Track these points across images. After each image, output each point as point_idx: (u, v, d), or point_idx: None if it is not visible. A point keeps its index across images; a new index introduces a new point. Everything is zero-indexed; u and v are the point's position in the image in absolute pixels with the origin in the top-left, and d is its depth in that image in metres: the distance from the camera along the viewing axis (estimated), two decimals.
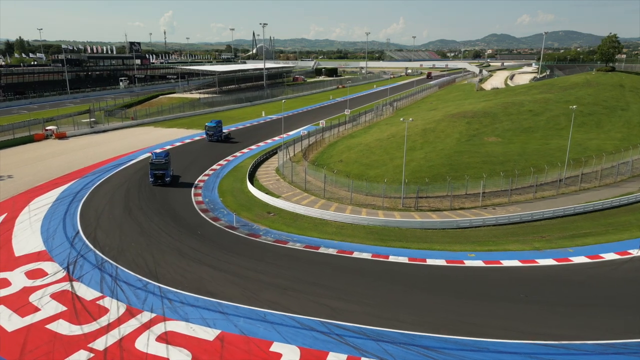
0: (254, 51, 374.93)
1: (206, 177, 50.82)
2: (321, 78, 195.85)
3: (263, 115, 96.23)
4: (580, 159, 49.42)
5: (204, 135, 70.05)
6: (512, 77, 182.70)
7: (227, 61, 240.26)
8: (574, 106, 50.45)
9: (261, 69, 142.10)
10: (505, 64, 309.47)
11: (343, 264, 30.58)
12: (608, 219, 39.22)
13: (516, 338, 21.62)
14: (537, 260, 31.11)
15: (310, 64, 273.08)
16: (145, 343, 20.62)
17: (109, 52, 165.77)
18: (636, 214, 40.28)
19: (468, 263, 30.81)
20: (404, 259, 31.26)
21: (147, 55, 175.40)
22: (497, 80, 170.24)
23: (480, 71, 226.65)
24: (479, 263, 30.81)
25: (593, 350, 20.75)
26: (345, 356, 20.06)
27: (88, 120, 77.10)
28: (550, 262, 30.89)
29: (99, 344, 20.52)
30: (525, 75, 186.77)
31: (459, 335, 21.84)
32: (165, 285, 26.09)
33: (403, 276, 28.91)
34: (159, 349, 20.26)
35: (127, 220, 36.67)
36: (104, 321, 22.35)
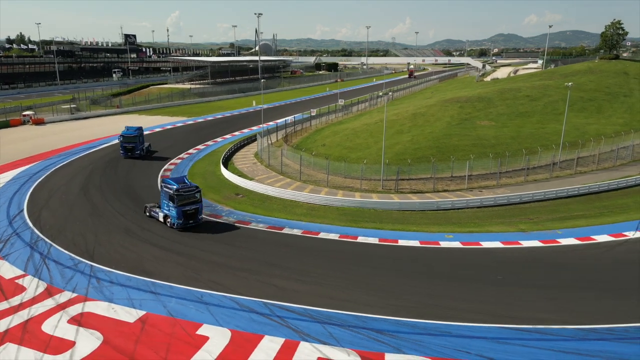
0: (257, 48, 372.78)
1: (179, 160, 48.17)
2: (320, 72, 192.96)
3: (254, 104, 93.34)
4: (577, 142, 46.36)
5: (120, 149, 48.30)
6: (515, 72, 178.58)
7: (227, 56, 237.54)
8: (570, 83, 47.32)
9: (256, 60, 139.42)
10: (511, 61, 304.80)
11: (306, 244, 27.79)
12: (603, 201, 36.18)
13: (485, 322, 18.72)
14: (520, 242, 28.16)
15: (311, 59, 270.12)
16: (55, 325, 17.88)
17: (105, 45, 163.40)
18: (634, 196, 37.19)
19: (444, 244, 27.90)
20: (374, 240, 28.41)
21: (143, 48, 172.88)
22: (499, 74, 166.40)
23: (484, 66, 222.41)
24: (456, 244, 27.89)
25: (573, 336, 17.82)
26: (282, 339, 17.24)
27: (68, 106, 74.58)
28: (535, 243, 27.94)
29: (2, 325, 17.82)
30: (529, 71, 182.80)
31: (421, 318, 18.96)
32: (99, 264, 23.36)
33: (370, 257, 26.06)
34: (68, 331, 17.52)
35: (81, 200, 34.02)
36: (15, 301, 19.65)
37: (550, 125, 55.85)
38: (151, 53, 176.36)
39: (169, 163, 46.70)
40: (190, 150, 52.63)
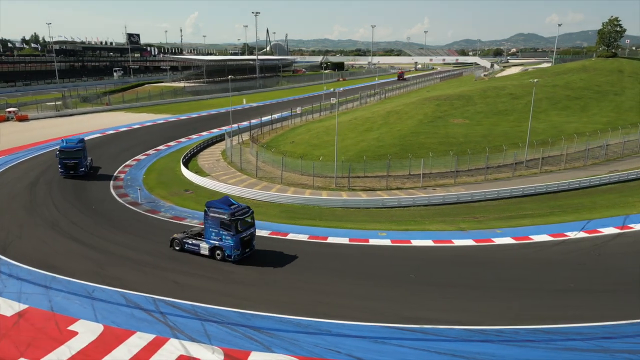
0: (268, 48, 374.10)
1: (144, 157, 48.18)
2: (326, 71, 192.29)
3: (244, 102, 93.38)
4: (547, 140, 45.12)
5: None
6: (525, 71, 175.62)
7: (235, 56, 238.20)
8: (536, 80, 46.15)
9: (255, 60, 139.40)
10: (524, 60, 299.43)
11: None
12: (560, 200, 35.03)
13: (372, 321, 18.03)
14: (453, 240, 27.31)
15: (318, 58, 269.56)
16: None
17: (109, 44, 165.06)
18: (594, 196, 35.97)
19: (373, 242, 27.19)
20: (304, 237, 27.82)
21: (147, 48, 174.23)
22: (507, 74, 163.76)
23: (492, 65, 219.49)
24: (385, 242, 27.16)
25: (457, 336, 17.03)
26: (152, 336, 16.78)
27: (54, 104, 75.27)
28: (468, 242, 27.07)
29: None
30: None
31: (307, 316, 18.34)
32: (9, 258, 23.21)
33: (288, 254, 25.41)
34: None
35: (23, 193, 34.11)
36: None
37: (527, 123, 54.49)
38: (156, 52, 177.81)
39: (132, 159, 46.64)
40: (160, 147, 52.63)
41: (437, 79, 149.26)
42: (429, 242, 27.13)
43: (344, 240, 27.36)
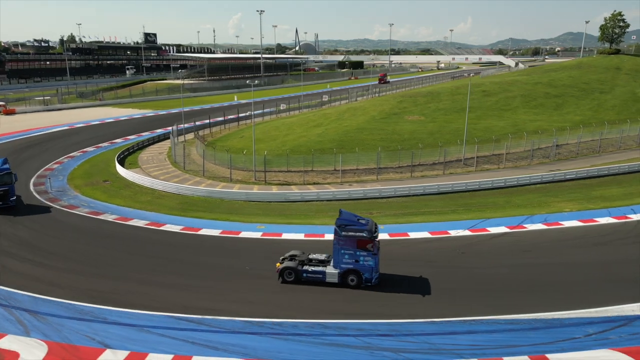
0: (297, 48, 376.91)
1: (94, 148, 49.45)
2: (340, 70, 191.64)
3: (235, 99, 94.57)
4: (498, 138, 43.50)
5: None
6: None
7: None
8: (472, 74, 44.39)
9: (266, 58, 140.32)
10: (563, 60, 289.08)
11: (106, 231, 27.33)
12: (471, 199, 33.72)
13: (157, 310, 17.84)
14: (324, 234, 26.64)
15: (339, 58, 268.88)
16: None
17: (126, 43, 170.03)
18: (514, 196, 34.44)
19: (245, 234, 26.90)
20: (177, 228, 27.82)
21: (164, 47, 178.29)
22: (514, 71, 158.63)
23: (516, 64, 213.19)
24: (256, 235, 26.80)
25: (230, 328, 16.73)
26: None
27: (42, 98, 78.20)
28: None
29: None
30: None
31: (99, 304, 18.32)
32: None
33: (143, 243, 25.49)
34: None
35: None
36: None
37: (487, 121, 52.76)
38: (174, 51, 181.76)
39: (79, 150, 47.89)
40: (117, 140, 53.69)
41: (446, 78, 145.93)
42: (300, 236, 26.60)
43: (216, 232, 27.17)
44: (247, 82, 79.51)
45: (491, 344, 15.97)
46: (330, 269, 20.23)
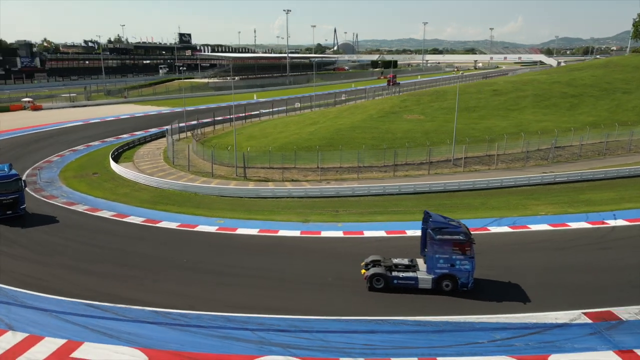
0: (336, 47, 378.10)
1: (99, 143, 51.28)
2: (372, 70, 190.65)
3: (254, 98, 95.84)
4: (483, 138, 42.23)
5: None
6: None
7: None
8: (460, 72, 43.05)
9: (288, 57, 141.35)
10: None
11: (70, 221, 28.27)
12: (449, 200, 32.72)
13: (79, 297, 18.44)
14: (279, 230, 26.73)
15: (374, 57, 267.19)
16: None
17: (162, 44, 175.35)
18: (492, 197, 33.22)
19: (201, 228, 27.26)
20: (139, 220, 28.54)
21: (198, 47, 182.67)
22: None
23: (558, 64, 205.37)
24: (212, 229, 27.13)
25: (137, 317, 17.08)
26: None
27: (68, 95, 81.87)
28: (292, 233, 26.42)
29: None
30: None
31: (26, 288, 19.12)
32: None
33: (106, 234, 26.25)
34: None
35: None
36: None
37: (491, 121, 51.21)
38: (209, 51, 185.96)
39: (84, 144, 49.86)
40: (123, 135, 55.52)
41: (478, 77, 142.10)
42: (254, 232, 26.72)
43: (173, 225, 27.68)
44: (235, 78, 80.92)
45: (386, 344, 15.57)
46: (422, 274, 19.05)
